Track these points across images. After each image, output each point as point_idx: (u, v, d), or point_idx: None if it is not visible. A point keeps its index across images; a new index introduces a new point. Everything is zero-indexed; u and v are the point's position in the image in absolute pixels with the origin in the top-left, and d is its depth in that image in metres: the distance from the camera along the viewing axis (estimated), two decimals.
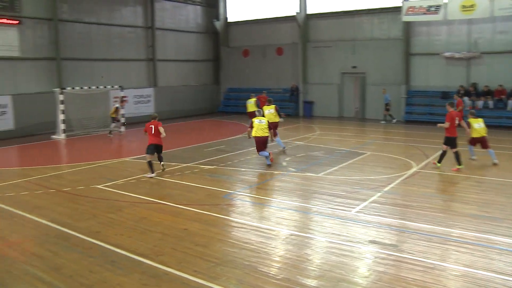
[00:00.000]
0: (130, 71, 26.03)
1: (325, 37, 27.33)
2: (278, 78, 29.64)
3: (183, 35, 29.35)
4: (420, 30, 24.13)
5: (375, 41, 25.46)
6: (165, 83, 28.19)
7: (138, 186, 11.09)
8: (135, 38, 26.18)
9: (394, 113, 24.66)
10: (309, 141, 17.88)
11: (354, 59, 26.28)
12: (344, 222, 8.29)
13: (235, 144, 17.61)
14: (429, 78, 24.17)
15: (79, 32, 23.26)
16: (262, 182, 11.43)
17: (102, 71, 24.26)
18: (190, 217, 8.61)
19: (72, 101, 20.65)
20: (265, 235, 7.68)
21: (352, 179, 11.59)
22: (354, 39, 26.19)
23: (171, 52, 28.56)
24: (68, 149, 17.53)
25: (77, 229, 7.99)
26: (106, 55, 24.50)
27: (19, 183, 11.64)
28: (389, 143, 17.29)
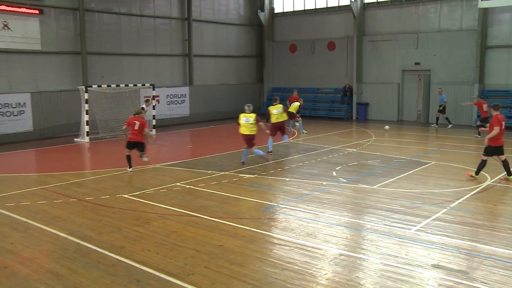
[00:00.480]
0: (163, 67, 26.58)
1: (384, 30, 26.91)
2: (329, 76, 29.46)
3: (222, 27, 29.72)
4: (501, 18, 23.29)
5: (443, 33, 24.79)
6: (202, 81, 28.60)
7: (169, 196, 11.25)
8: (169, 30, 26.73)
9: (463, 117, 23.92)
10: (363, 148, 17.60)
11: (418, 55, 25.69)
12: (402, 242, 8.06)
13: (279, 150, 17.57)
14: (510, 75, 23.23)
15: (107, 23, 23.88)
16: (309, 194, 11.32)
17: (132, 67, 24.90)
18: (226, 232, 8.62)
19: (98, 100, 21.23)
20: (310, 254, 7.58)
21: (413, 192, 11.28)
22: (418, 31, 25.62)
23: (209, 47, 28.98)
24: (92, 154, 18.06)
25: (99, 244, 8.13)
26: (136, 50, 25.13)
27: (36, 191, 11.99)
28: (458, 152, 16.75)
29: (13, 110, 20.17)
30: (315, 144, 18.75)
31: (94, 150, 18.53)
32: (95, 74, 23.24)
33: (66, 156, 17.34)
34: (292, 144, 19.08)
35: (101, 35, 23.58)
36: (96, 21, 23.43)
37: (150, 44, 25.78)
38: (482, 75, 23.87)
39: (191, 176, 13.34)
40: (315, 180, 12.69)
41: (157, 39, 26.11)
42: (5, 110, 19.95)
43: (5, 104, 19.90)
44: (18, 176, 13.86)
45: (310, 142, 19.36)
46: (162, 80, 26.16)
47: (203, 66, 28.73)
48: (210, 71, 29.22)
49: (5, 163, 16.36)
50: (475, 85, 23.82)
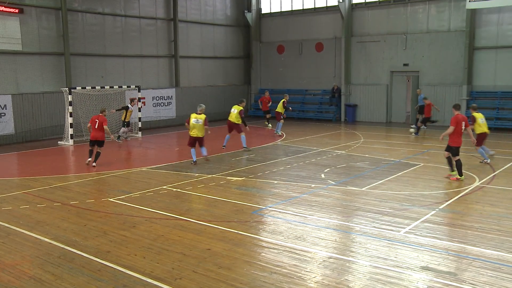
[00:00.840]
0: (149, 69, 26.52)
1: (372, 30, 27.14)
2: (317, 78, 29.61)
3: (209, 28, 29.74)
4: (489, 19, 23.62)
5: (431, 34, 25.09)
6: (189, 83, 28.59)
7: (155, 199, 11.24)
8: (154, 31, 26.68)
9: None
10: (351, 150, 17.71)
11: (406, 56, 25.97)
12: (391, 244, 8.14)
13: (267, 153, 17.64)
14: (498, 77, 23.61)
15: (91, 23, 23.74)
16: (297, 196, 11.37)
17: (117, 68, 24.79)
18: (214, 236, 8.64)
19: (83, 102, 21.10)
20: (299, 257, 7.62)
21: (402, 194, 11.40)
22: (406, 32, 25.90)
23: (195, 48, 28.97)
24: (77, 157, 17.94)
25: (84, 248, 8.10)
26: (121, 51, 25.04)
27: (19, 195, 11.91)
28: None
29: None
30: (304, 146, 18.83)
31: (78, 153, 18.41)
32: (78, 76, 23.07)
33: (50, 159, 17.22)
34: (281, 146, 19.15)
35: (85, 35, 23.43)
36: (80, 21, 23.27)
37: (135, 45, 25.70)
38: (471, 76, 24.18)
39: (178, 179, 13.34)
40: (303, 182, 12.75)
41: (143, 39, 26.05)
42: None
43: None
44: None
45: (298, 144, 19.43)
46: (148, 81, 26.10)
47: (190, 67, 28.70)
48: (196, 72, 29.20)
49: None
50: (463, 86, 24.12)
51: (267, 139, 20.88)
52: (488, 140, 19.79)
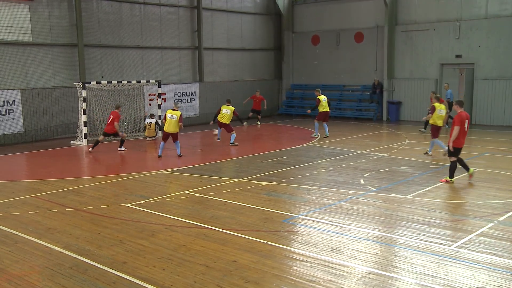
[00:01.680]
0: (170, 62, 26.77)
1: (419, 18, 26.78)
2: (356, 72, 29.43)
3: (236, 16, 29.85)
4: None
5: (491, 20, 24.55)
6: (214, 77, 28.76)
7: (177, 205, 11.32)
8: (176, 20, 26.91)
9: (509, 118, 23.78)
10: (394, 153, 17.53)
11: (460, 46, 25.50)
12: (440, 260, 8.00)
13: (300, 155, 17.60)
14: None
15: (106, 12, 24.04)
16: (333, 204, 11.31)
17: (135, 61, 25.10)
18: (241, 246, 8.65)
19: (98, 98, 21.36)
20: (335, 272, 7.57)
21: (453, 203, 11.23)
22: (460, 19, 25.39)
23: (221, 39, 29.13)
24: (91, 158, 18.21)
25: (99, 259, 8.19)
26: (140, 42, 25.34)
27: (27, 199, 12.11)
28: (507, 157, 16.60)
29: (0, 109, 20.31)
30: (341, 148, 18.72)
31: (93, 154, 18.70)
32: (93, 69, 23.41)
33: (62, 160, 17.53)
34: (315, 148, 19.08)
35: (100, 25, 23.73)
36: (94, 9, 23.55)
37: (155, 35, 25.96)
38: None
39: (201, 183, 13.41)
40: (340, 188, 12.67)
41: (163, 30, 26.29)
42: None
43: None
44: (6, 183, 14.02)
45: (335, 145, 19.33)
46: (168, 76, 26.35)
47: (215, 60, 28.86)
48: (222, 66, 29.34)
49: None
50: None
51: (299, 140, 20.82)
52: None
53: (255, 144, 20.01)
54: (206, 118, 27.42)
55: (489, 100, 24.64)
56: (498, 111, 24.37)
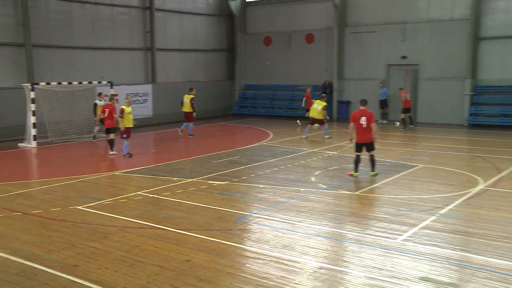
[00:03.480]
0: (122, 63, 26.37)
1: (367, 20, 27.31)
2: (308, 72, 29.72)
3: (189, 18, 29.67)
4: (496, 5, 23.84)
5: (433, 24, 25.29)
6: (167, 78, 28.51)
7: (130, 206, 11.18)
8: (129, 21, 26.55)
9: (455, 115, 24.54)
10: (344, 151, 17.79)
11: (405, 48, 26.16)
12: (387, 252, 8.19)
13: (252, 154, 17.65)
14: (505, 70, 23.81)
15: (56, 11, 23.40)
16: (285, 201, 11.40)
17: (86, 62, 24.55)
18: (194, 246, 8.63)
19: (47, 99, 20.79)
20: (287, 268, 7.64)
21: (399, 198, 11.47)
22: (405, 22, 26.06)
23: (174, 40, 28.89)
24: (41, 161, 17.80)
25: (48, 263, 7.96)
26: (91, 42, 24.84)
27: None
28: (448, 153, 17.10)
29: None
30: (292, 147, 18.88)
31: (42, 156, 18.26)
32: (43, 70, 22.76)
33: (9, 163, 17.03)
34: (267, 147, 19.18)
35: (49, 24, 23.10)
36: (42, 8, 22.85)
37: (107, 36, 25.52)
38: (475, 69, 24.41)
39: (154, 184, 13.28)
40: (292, 186, 12.77)
41: (115, 30, 25.89)
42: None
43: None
44: None
45: (286, 144, 19.48)
46: (121, 77, 25.94)
47: (168, 61, 28.61)
48: (175, 66, 29.12)
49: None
50: (467, 80, 24.35)
51: (252, 140, 20.89)
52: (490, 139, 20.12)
53: (208, 144, 19.94)
54: (159, 119, 27.26)
55: (432, 99, 25.42)
56: (439, 109, 25.14)
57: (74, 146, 20.26)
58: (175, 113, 28.00)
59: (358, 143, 13.65)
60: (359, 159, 13.66)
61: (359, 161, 13.67)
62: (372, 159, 13.70)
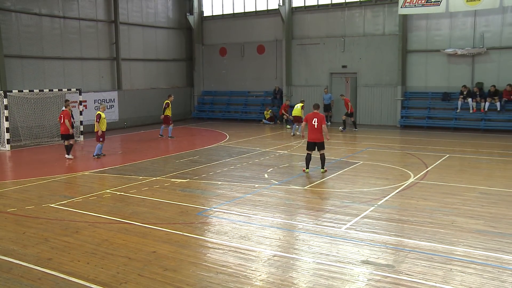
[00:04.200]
0: (90, 71, 25.79)
1: (311, 33, 27.62)
2: (259, 79, 29.81)
3: (151, 30, 29.28)
4: (419, 24, 24.59)
5: (368, 37, 25.84)
6: (131, 85, 28.04)
7: (99, 203, 10.95)
8: (95, 33, 25.98)
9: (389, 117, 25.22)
10: (293, 150, 17.95)
11: (345, 58, 26.62)
12: (333, 240, 8.32)
13: (211, 154, 17.58)
14: (429, 78, 24.63)
15: (26, 24, 22.78)
16: (241, 196, 11.41)
17: (56, 71, 23.92)
18: (159, 238, 8.53)
19: (20, 106, 20.25)
20: (244, 256, 7.65)
21: (342, 192, 11.66)
22: (344, 35, 26.54)
23: (137, 51, 28.46)
24: (14, 163, 17.23)
25: (23, 257, 7.75)
26: (61, 53, 24.21)
27: None
28: (384, 151, 17.49)
29: None
30: (247, 147, 18.91)
31: (16, 158, 17.66)
32: (15, 78, 22.07)
33: None
34: (224, 147, 19.13)
35: (20, 36, 22.43)
36: (14, 21, 22.20)
37: (75, 47, 24.91)
38: (405, 77, 25.09)
39: (121, 182, 13.06)
40: (247, 182, 12.81)
41: (83, 42, 25.29)
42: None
43: None
44: None
45: (242, 145, 19.49)
46: (89, 84, 25.38)
47: (132, 70, 28.15)
48: (139, 75, 28.68)
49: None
50: (398, 87, 24.99)
51: (210, 141, 20.80)
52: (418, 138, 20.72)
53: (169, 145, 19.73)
54: (127, 122, 26.83)
55: (369, 103, 25.99)
56: (376, 113, 25.75)
57: (45, 149, 19.68)
58: (140, 117, 27.73)
59: (310, 142, 13.77)
60: (310, 157, 13.81)
61: (310, 159, 13.81)
62: (323, 157, 13.86)
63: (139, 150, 18.94)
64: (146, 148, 19.09)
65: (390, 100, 25.27)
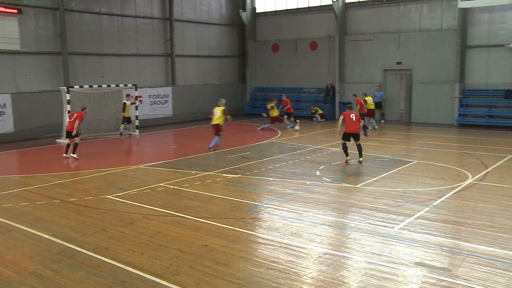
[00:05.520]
0: (146, 68, 26.49)
1: (365, 29, 27.14)
2: (312, 76, 29.61)
3: (205, 27, 29.70)
4: (481, 18, 23.60)
5: (424, 33, 25.10)
6: (185, 81, 28.55)
7: (153, 196, 11.23)
8: (151, 30, 26.64)
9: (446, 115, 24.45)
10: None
11: (399, 54, 25.98)
12: (385, 240, 8.17)
13: (262, 150, 17.64)
14: (490, 75, 23.62)
15: (88, 23, 23.72)
16: (293, 193, 11.39)
17: (114, 67, 24.77)
18: (211, 232, 8.65)
19: (80, 101, 21.00)
20: (295, 253, 7.64)
21: (396, 191, 11.43)
22: (399, 31, 25.89)
23: (191, 47, 28.93)
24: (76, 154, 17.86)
25: (84, 245, 8.11)
26: (118, 50, 25.01)
27: (19, 192, 11.91)
28: (440, 150, 16.99)
29: None
30: (299, 143, 18.85)
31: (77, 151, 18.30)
32: (76, 75, 23.06)
33: (48, 157, 17.14)
34: (276, 143, 19.16)
35: (82, 35, 23.43)
36: (77, 21, 23.26)
37: (132, 44, 25.66)
38: (463, 74, 24.21)
39: (175, 176, 13.33)
40: (299, 179, 12.77)
41: (139, 39, 26.00)
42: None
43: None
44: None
45: (293, 141, 19.45)
46: (144, 80, 26.04)
47: (186, 66, 28.66)
48: (192, 71, 29.16)
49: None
50: (456, 84, 24.14)
51: (262, 137, 20.87)
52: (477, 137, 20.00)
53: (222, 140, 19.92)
54: (178, 118, 27.38)
55: (424, 101, 25.26)
56: (431, 110, 25.00)
57: (103, 142, 20.38)
58: (192, 113, 28.19)
59: (347, 133, 14.70)
60: (346, 146, 14.79)
61: (347, 147, 14.80)
62: (359, 147, 14.68)
63: (192, 145, 19.24)
64: (198, 143, 19.36)
65: (446, 97, 24.46)
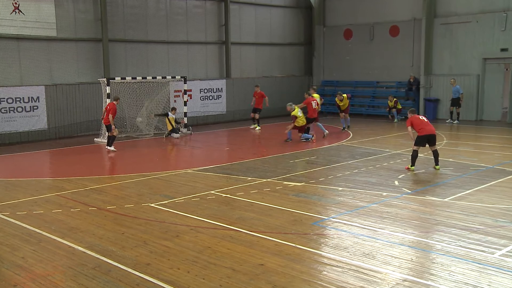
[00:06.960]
0: (196, 57, 26.94)
1: (460, 9, 26.34)
2: (391, 67, 29.19)
3: (265, 10, 29.87)
4: None
5: None
6: (241, 73, 28.83)
7: (202, 206, 11.37)
8: (203, 14, 27.06)
9: None
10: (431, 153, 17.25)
11: (505, 39, 24.91)
12: (483, 268, 7.85)
13: (330, 154, 17.51)
14: None
15: (131, 6, 24.31)
16: (366, 206, 11.22)
17: (160, 57, 25.34)
18: (268, 249, 8.65)
19: (122, 94, 21.59)
20: (367, 278, 7.50)
21: (496, 208, 11.01)
22: (506, 9, 24.79)
23: (249, 33, 29.18)
24: (115, 156, 18.41)
25: (122, 260, 8.27)
26: (165, 37, 25.56)
27: (51, 198, 12.32)
28: None
29: (25, 106, 20.71)
30: (374, 147, 18.60)
31: (117, 151, 18.91)
32: (118, 64, 23.69)
33: (85, 158, 17.78)
34: (346, 147, 18.97)
35: (125, 19, 24.03)
36: (119, 3, 23.84)
37: (181, 30, 26.14)
38: None
39: (227, 183, 13.45)
40: (373, 190, 12.58)
41: (189, 24, 26.44)
42: (16, 106, 20.49)
43: (16, 99, 20.43)
44: (30, 180, 14.30)
45: (367, 145, 19.21)
46: (194, 72, 26.48)
47: (242, 55, 28.92)
48: (250, 61, 29.39)
49: (16, 165, 16.95)
50: None
51: (330, 139, 20.72)
52: None
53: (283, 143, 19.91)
54: (233, 116, 27.57)
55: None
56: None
57: (148, 141, 20.88)
58: (249, 111, 28.32)
59: (424, 135, 14.51)
60: (417, 154, 14.68)
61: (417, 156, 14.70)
62: (436, 153, 14.73)
63: (248, 147, 19.38)
64: (255, 145, 19.48)
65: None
